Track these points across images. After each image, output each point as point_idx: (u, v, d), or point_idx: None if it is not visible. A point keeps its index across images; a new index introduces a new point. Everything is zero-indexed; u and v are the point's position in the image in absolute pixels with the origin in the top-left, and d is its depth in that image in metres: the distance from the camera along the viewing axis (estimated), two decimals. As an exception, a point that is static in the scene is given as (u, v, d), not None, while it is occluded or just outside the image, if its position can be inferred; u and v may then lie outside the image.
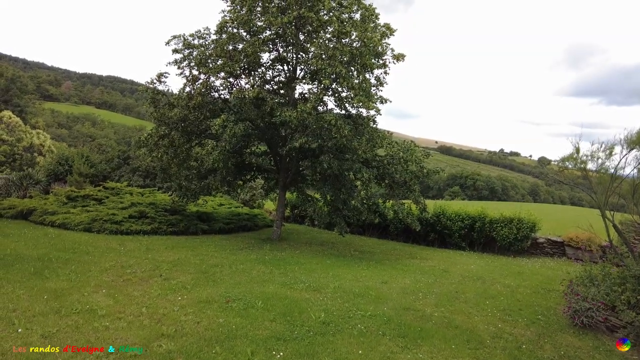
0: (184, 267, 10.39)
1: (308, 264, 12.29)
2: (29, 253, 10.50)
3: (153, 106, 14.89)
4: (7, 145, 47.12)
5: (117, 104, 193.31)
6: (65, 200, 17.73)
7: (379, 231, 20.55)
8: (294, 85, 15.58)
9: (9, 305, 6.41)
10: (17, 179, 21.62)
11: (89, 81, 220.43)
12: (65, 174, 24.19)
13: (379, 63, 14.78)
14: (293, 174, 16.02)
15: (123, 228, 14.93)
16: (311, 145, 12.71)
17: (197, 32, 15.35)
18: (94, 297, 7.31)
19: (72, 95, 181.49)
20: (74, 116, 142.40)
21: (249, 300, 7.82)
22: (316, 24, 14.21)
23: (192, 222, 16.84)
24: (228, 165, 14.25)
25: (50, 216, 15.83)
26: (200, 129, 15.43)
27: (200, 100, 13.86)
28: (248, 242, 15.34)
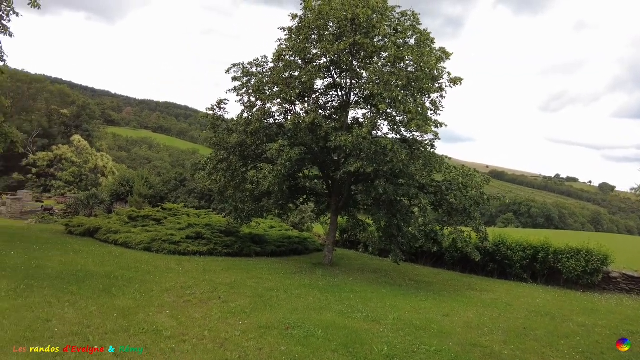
0: (241, 290, 10.44)
1: (363, 292, 11.98)
2: (97, 270, 10.99)
3: (213, 131, 15.45)
4: (76, 166, 50.88)
5: (172, 129, 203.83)
6: (126, 220, 18.60)
7: (433, 260, 19.82)
8: (347, 110, 15.66)
9: (84, 321, 6.66)
10: (85, 199, 23.10)
11: (147, 107, 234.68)
12: (127, 194, 25.56)
13: (435, 87, 14.57)
14: (345, 198, 15.91)
15: (180, 248, 15.38)
16: (366, 170, 12.60)
17: (255, 60, 15.93)
18: (158, 317, 7.45)
19: (131, 120, 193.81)
20: (132, 140, 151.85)
21: (308, 329, 7.66)
22: (371, 49, 14.31)
23: (246, 244, 17.06)
24: (283, 189, 14.42)
25: (114, 235, 16.64)
26: (256, 154, 15.78)
27: (258, 125, 14.22)
28: (300, 266, 15.27)
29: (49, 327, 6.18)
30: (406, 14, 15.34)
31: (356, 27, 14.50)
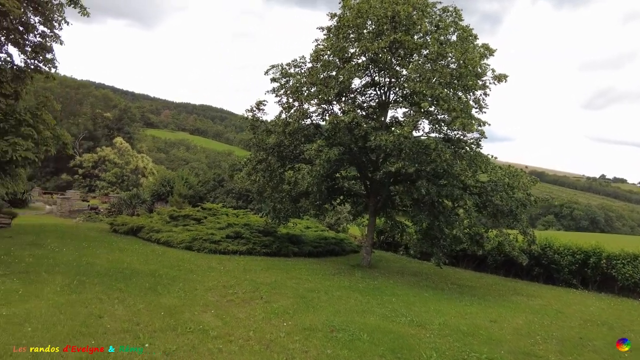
0: (282, 290, 10.40)
1: (405, 295, 11.69)
2: (142, 268, 11.26)
3: (252, 132, 15.57)
4: (118, 167, 52.96)
5: (208, 131, 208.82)
6: (168, 219, 19.06)
7: (474, 263, 19.18)
8: (387, 109, 15.39)
9: (133, 318, 6.78)
10: (127, 198, 23.89)
11: (184, 110, 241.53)
12: (167, 194, 26.25)
13: (479, 84, 14.06)
14: (384, 199, 15.63)
15: (221, 248, 15.58)
16: (408, 170, 12.29)
17: (293, 61, 15.93)
18: (203, 316, 7.50)
19: (169, 122, 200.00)
20: (171, 141, 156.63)
21: (353, 332, 7.50)
22: (411, 47, 13.98)
23: (284, 244, 17.10)
24: (321, 189, 14.32)
25: (156, 234, 17.08)
26: (294, 154, 15.77)
27: (296, 126, 14.20)
28: (338, 268, 15.12)
29: (102, 323, 6.33)
30: (447, 10, 14.92)
31: (396, 25, 14.22)
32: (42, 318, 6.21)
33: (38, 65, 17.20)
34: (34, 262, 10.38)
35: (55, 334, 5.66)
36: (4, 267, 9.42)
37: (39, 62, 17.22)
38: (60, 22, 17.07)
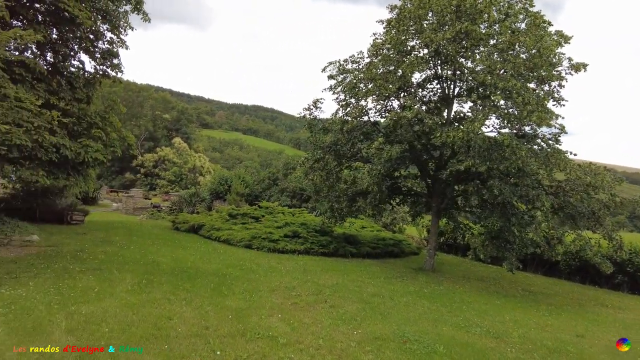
0: (345, 294, 10.04)
1: (476, 303, 10.93)
2: (205, 267, 11.35)
3: (309, 131, 15.36)
4: (177, 167, 55.25)
5: (260, 130, 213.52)
6: (227, 217, 19.35)
7: (544, 267, 17.83)
8: (451, 103, 14.57)
9: (202, 321, 6.69)
10: (188, 197, 24.62)
11: (237, 110, 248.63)
12: (225, 192, 26.82)
13: (555, 75, 12.90)
14: (448, 199, 14.81)
15: (279, 247, 15.51)
16: (479, 169, 11.47)
17: (350, 57, 15.51)
18: (270, 321, 7.28)
19: (223, 123, 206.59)
20: (225, 141, 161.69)
21: (427, 343, 6.97)
22: (478, 37, 13.09)
23: (341, 244, 16.76)
24: (382, 189, 13.80)
25: (216, 231, 17.35)
26: (351, 152, 15.37)
27: (355, 124, 13.79)
28: (400, 271, 14.54)
29: (172, 326, 6.27)
30: (517, -4, 13.87)
31: (460, 15, 13.40)
32: (117, 318, 6.25)
33: (106, 71, 18.03)
34: (106, 259, 10.74)
35: (130, 335, 5.65)
36: (81, 264, 9.80)
37: (107, 68, 18.04)
38: (125, 28, 17.76)
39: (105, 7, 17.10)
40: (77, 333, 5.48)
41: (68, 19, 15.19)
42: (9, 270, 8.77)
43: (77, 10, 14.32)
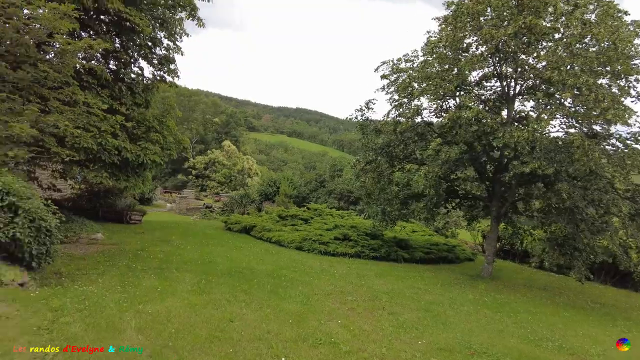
0: (402, 301, 9.71)
1: (541, 314, 10.23)
2: (260, 268, 11.41)
3: (361, 132, 15.13)
4: (227, 168, 56.78)
5: (304, 133, 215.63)
6: (277, 219, 19.49)
7: (614, 278, 16.51)
8: (512, 102, 13.82)
9: (262, 325, 6.64)
10: (239, 198, 25.10)
11: (282, 114, 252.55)
12: (274, 194, 27.14)
13: (634, 68, 11.86)
14: (510, 203, 14.04)
15: (329, 249, 15.38)
16: (546, 171, 10.72)
17: (404, 56, 15.12)
18: (330, 326, 7.13)
19: (269, 126, 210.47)
20: (270, 144, 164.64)
21: (496, 356, 6.56)
22: (542, 31, 12.31)
23: (392, 248, 16.36)
24: (439, 192, 13.29)
25: (267, 232, 17.49)
26: (404, 154, 14.97)
27: (409, 124, 13.40)
28: (456, 278, 13.95)
29: (235, 328, 6.26)
30: (585, -15, 12.90)
31: (522, 8, 12.68)
32: (181, 318, 6.33)
33: (163, 76, 18.70)
34: (165, 259, 11.05)
35: (196, 337, 5.68)
36: (142, 263, 10.13)
37: (164, 73, 18.70)
38: (181, 34, 18.35)
39: (162, 15, 17.74)
40: (146, 332, 5.58)
41: (129, 28, 15.90)
42: (80, 266, 9.19)
43: (138, 19, 14.93)
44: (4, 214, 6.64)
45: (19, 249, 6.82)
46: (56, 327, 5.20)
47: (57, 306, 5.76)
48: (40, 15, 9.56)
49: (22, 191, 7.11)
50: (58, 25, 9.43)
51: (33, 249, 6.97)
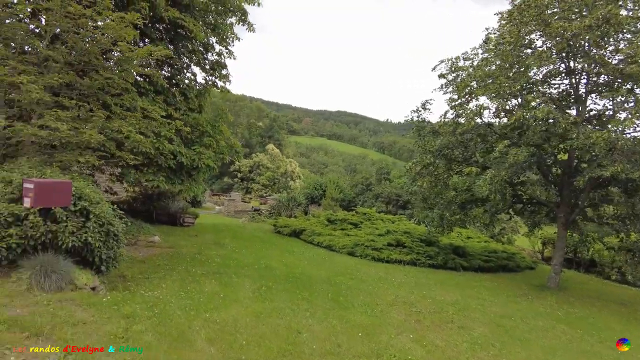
0: (470, 314, 9.11)
1: (625, 332, 9.30)
2: (316, 274, 11.14)
3: (417, 134, 14.57)
4: (270, 171, 57.46)
5: (344, 135, 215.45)
6: (326, 223, 19.23)
7: (701, 292, 14.90)
8: (585, 100, 12.80)
9: (332, 337, 6.34)
10: (286, 201, 25.07)
11: (322, 116, 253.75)
12: (320, 197, 26.95)
13: None
14: (580, 209, 13.00)
15: (383, 256, 14.90)
16: (630, 175, 9.74)
17: (463, 54, 14.46)
18: (401, 341, 6.71)
19: (309, 129, 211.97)
20: (311, 146, 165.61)
21: (592, 383, 5.89)
22: (624, 21, 11.27)
23: (449, 255, 15.63)
24: (505, 196, 12.49)
25: (317, 237, 17.24)
26: (463, 157, 14.26)
27: (472, 125, 12.71)
28: (521, 288, 13.08)
29: (304, 341, 5.99)
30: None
31: (596, -2, 11.71)
32: (249, 329, 6.13)
33: (215, 81, 18.95)
34: (222, 263, 11.02)
35: (267, 350, 5.45)
36: (201, 267, 10.13)
37: (216, 78, 18.95)
38: (233, 39, 18.52)
39: (214, 20, 18.00)
40: (216, 343, 5.42)
41: (183, 35, 16.22)
42: (141, 270, 9.29)
43: (191, 25, 15.17)
44: (76, 218, 6.73)
45: (89, 253, 6.90)
46: (130, 335, 5.13)
47: (129, 313, 5.72)
48: (106, 24, 9.82)
49: (92, 196, 7.21)
50: (123, 34, 9.62)
51: (103, 253, 7.04)
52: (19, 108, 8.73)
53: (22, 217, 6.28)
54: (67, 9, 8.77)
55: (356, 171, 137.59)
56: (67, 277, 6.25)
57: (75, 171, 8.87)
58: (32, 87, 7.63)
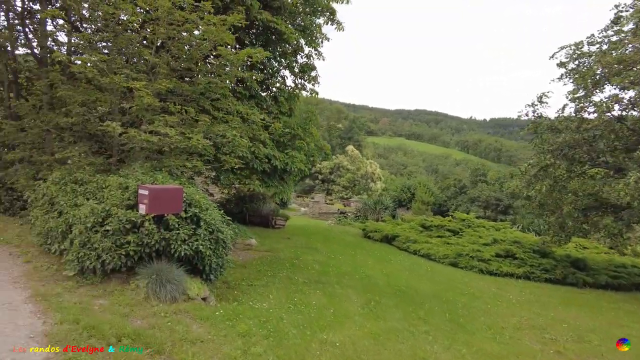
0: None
1: None
2: (422, 288, 10.20)
3: (534, 132, 12.91)
4: (351, 173, 56.91)
5: (424, 134, 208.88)
6: (420, 229, 18.05)
7: None
8: None
9: None
10: (372, 204, 24.22)
11: (400, 116, 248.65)
12: (408, 200, 25.69)
13: None
14: None
15: (492, 268, 13.43)
16: None
17: (588, 39, 12.50)
18: (549, 380, 5.57)
19: (387, 129, 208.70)
20: (389, 147, 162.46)
21: None
22: None
23: (568, 269, 13.66)
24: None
25: (413, 244, 16.16)
26: (590, 156, 12.31)
27: (605, 119, 10.86)
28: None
29: (436, 374, 5.15)
30: None
31: None
32: (370, 355, 5.45)
33: (304, 84, 18.71)
34: (321, 270, 10.53)
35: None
36: (301, 274, 9.71)
37: (305, 81, 18.70)
38: (322, 40, 18.12)
39: (303, 22, 17.76)
40: (341, 373, 4.78)
41: (274, 39, 16.17)
42: (243, 276, 9.08)
43: (283, 28, 15.01)
44: (187, 225, 6.56)
45: (200, 262, 6.70)
46: (250, 359, 4.68)
47: (244, 331, 5.31)
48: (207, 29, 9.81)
49: (202, 202, 7.03)
50: (224, 38, 9.53)
51: (213, 262, 6.81)
52: (130, 115, 8.98)
53: (138, 224, 6.22)
54: (173, 16, 8.83)
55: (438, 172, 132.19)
56: (180, 287, 6.06)
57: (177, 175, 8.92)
58: (144, 92, 7.70)
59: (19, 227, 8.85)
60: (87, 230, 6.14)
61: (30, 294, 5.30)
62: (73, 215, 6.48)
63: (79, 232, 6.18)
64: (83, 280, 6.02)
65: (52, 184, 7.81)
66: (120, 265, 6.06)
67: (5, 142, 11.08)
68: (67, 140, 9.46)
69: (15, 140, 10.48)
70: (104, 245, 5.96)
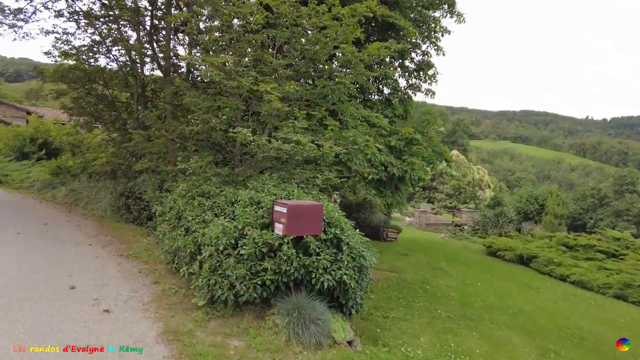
0: None
1: None
2: (599, 332, 8.04)
3: None
4: (456, 180, 53.09)
5: (532, 137, 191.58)
6: (562, 248, 15.27)
7: None
8: None
9: None
10: (493, 216, 21.55)
11: (504, 118, 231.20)
12: (536, 213, 22.46)
13: None
14: None
15: (680, 307, 10.47)
16: None
17: None
18: None
19: (489, 132, 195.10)
20: (493, 151, 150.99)
21: None
22: None
23: None
24: None
25: (557, 267, 13.58)
26: None
27: None
28: None
29: None
30: None
31: None
32: None
33: (419, 84, 17.02)
34: (462, 301, 8.91)
35: None
36: (441, 305, 8.20)
37: (420, 80, 17.00)
38: (443, 32, 16.36)
39: (419, 15, 16.21)
40: None
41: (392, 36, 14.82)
42: (374, 303, 7.78)
43: (402, 22, 13.65)
44: (327, 249, 5.46)
45: (343, 295, 5.57)
46: None
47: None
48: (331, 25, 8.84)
49: (342, 220, 5.93)
50: (354, 33, 8.46)
51: (357, 295, 5.64)
52: (253, 122, 8.34)
53: (274, 247, 5.29)
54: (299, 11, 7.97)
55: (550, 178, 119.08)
56: (325, 328, 4.95)
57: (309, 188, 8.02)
58: (274, 96, 6.88)
59: (146, 240, 8.67)
60: (218, 253, 5.33)
61: (162, 330, 4.59)
62: (203, 234, 5.77)
63: (209, 255, 5.41)
64: (213, 311, 5.22)
65: (178, 197, 7.34)
66: (254, 297, 5.16)
67: (135, 151, 11.33)
68: (190, 150, 9.18)
69: (144, 149, 10.57)
70: (237, 273, 5.09)
